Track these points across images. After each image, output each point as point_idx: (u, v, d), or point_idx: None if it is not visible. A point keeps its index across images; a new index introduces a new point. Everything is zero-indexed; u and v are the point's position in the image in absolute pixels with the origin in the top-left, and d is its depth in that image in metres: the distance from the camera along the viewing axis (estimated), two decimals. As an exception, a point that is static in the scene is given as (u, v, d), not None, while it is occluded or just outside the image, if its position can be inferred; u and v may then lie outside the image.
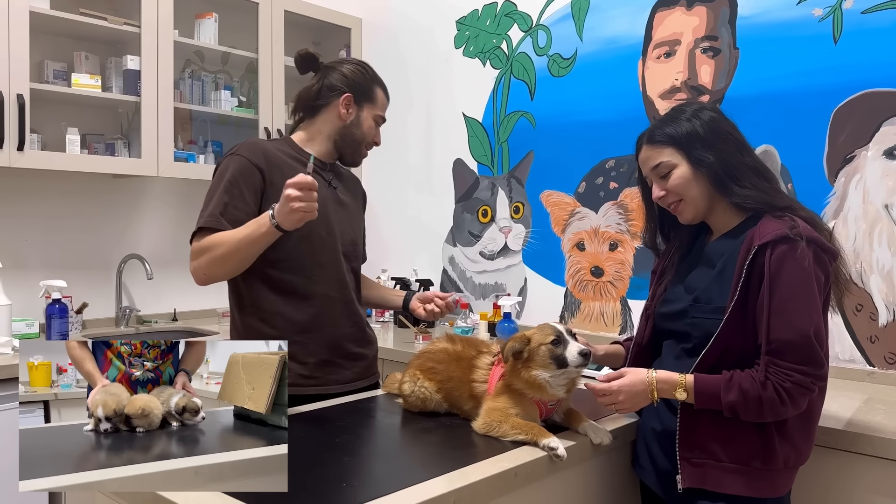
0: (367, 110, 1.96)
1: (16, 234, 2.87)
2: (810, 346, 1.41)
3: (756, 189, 1.52)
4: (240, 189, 1.78)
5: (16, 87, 2.54)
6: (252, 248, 1.73)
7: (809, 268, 1.43)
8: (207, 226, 1.76)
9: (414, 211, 3.55)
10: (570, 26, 2.94)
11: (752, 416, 1.44)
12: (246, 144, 1.85)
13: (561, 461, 1.47)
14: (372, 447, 1.56)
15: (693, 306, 1.58)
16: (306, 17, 3.49)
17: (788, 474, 1.53)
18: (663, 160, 1.57)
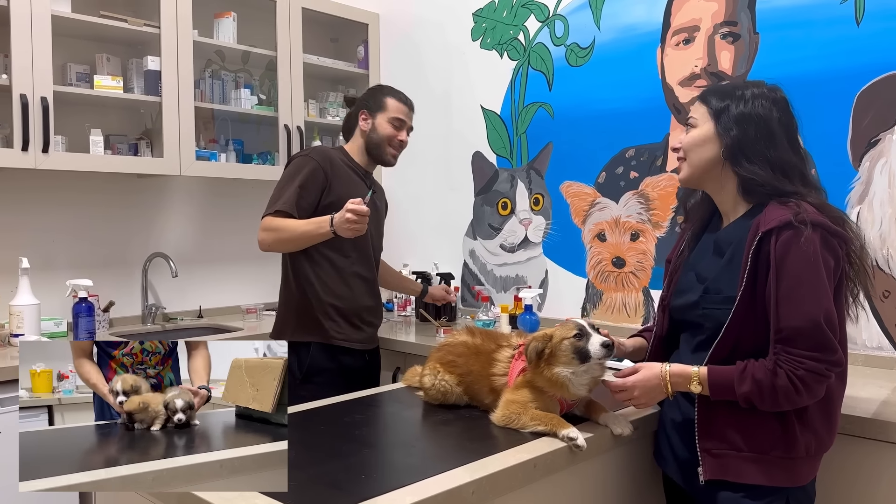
0: (380, 117, 2.45)
1: (43, 235, 2.92)
2: (821, 331, 1.39)
3: (766, 172, 1.49)
4: (309, 185, 2.31)
5: (40, 90, 2.59)
6: (310, 241, 2.29)
7: (816, 252, 1.40)
8: (284, 209, 2.27)
9: (434, 205, 3.55)
10: (588, 15, 2.92)
11: (769, 406, 1.43)
12: (317, 150, 2.43)
13: (581, 452, 1.46)
14: (391, 439, 1.57)
15: (704, 297, 1.56)
16: (324, 13, 3.50)
17: (811, 463, 1.51)
18: (695, 116, 1.59)
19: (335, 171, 2.37)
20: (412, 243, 3.63)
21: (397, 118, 2.46)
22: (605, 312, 2.91)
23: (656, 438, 1.71)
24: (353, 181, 2.42)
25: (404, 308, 3.44)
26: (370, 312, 2.49)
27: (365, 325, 2.47)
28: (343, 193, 2.30)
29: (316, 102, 3.60)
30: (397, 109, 2.47)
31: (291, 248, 2.34)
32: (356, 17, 3.65)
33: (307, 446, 1.47)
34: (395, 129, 2.46)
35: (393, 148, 2.48)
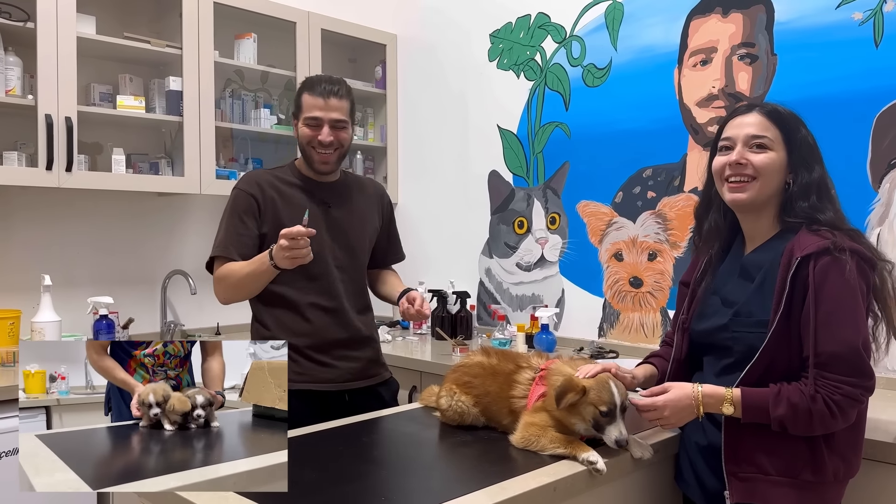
0: (301, 120, 2.08)
1: (65, 253, 2.96)
2: (859, 357, 1.40)
3: (831, 211, 1.51)
4: (240, 218, 2.05)
5: (64, 111, 2.63)
6: (258, 281, 1.99)
7: (854, 279, 1.41)
8: (217, 254, 2.03)
9: (450, 223, 3.56)
10: (605, 36, 2.93)
11: (801, 430, 1.42)
12: (243, 178, 2.14)
13: (601, 476, 1.46)
14: (409, 461, 1.57)
15: (734, 320, 1.55)
16: (342, 34, 3.54)
17: (838, 487, 1.50)
18: (769, 136, 1.54)
19: (267, 194, 2.06)
20: (428, 261, 3.64)
21: (309, 117, 2.04)
22: (622, 332, 2.90)
23: (677, 461, 1.70)
24: (295, 199, 2.08)
25: (420, 326, 3.45)
26: (342, 345, 2.11)
27: (338, 361, 2.09)
28: (286, 216, 2.03)
29: (334, 121, 3.63)
30: (310, 106, 2.05)
31: (247, 294, 2.05)
32: (374, 38, 3.69)
33: (325, 468, 1.47)
34: (310, 130, 2.04)
35: (316, 151, 2.05)
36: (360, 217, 2.19)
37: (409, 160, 3.76)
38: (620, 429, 1.50)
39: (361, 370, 2.15)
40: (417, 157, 3.71)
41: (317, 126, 2.04)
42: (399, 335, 3.35)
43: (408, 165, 3.76)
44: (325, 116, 2.03)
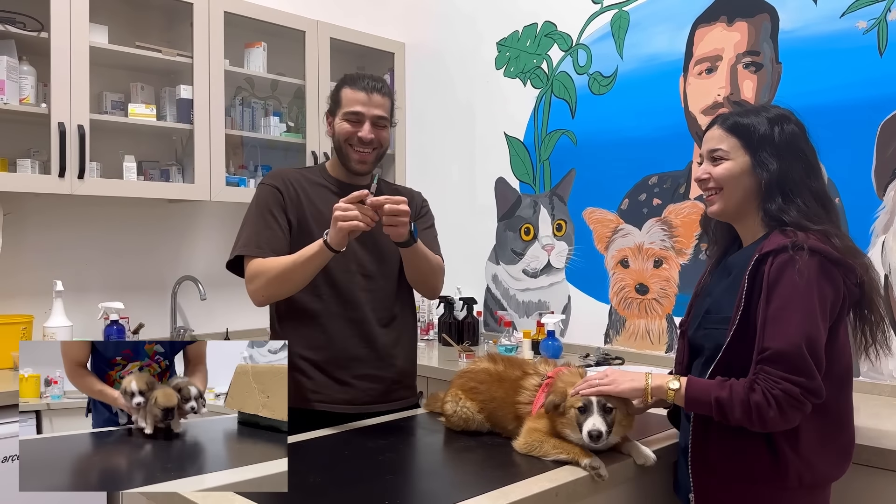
0: (338, 116, 1.96)
1: (77, 258, 3.00)
2: (800, 356, 1.38)
3: (802, 210, 1.49)
4: (268, 211, 1.92)
5: (77, 119, 2.67)
6: (307, 267, 1.80)
7: (810, 278, 1.40)
8: (245, 252, 1.88)
9: (457, 229, 3.58)
10: (611, 45, 2.95)
11: (739, 417, 1.41)
12: (268, 174, 2.02)
13: (603, 481, 1.47)
14: (414, 465, 1.59)
15: (705, 318, 1.59)
16: (351, 43, 3.58)
17: (807, 494, 1.49)
18: (722, 147, 1.56)
19: (291, 188, 1.95)
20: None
21: (350, 112, 1.91)
22: (628, 339, 2.91)
23: (675, 468, 1.71)
24: (323, 198, 1.95)
25: (427, 332, 3.47)
26: (363, 363, 1.93)
27: (356, 381, 1.92)
28: (310, 215, 1.93)
29: (342, 129, 3.67)
30: (351, 100, 1.92)
31: (292, 286, 1.85)
32: (382, 47, 3.73)
33: (329, 472, 1.49)
34: (350, 126, 1.92)
35: (354, 149, 1.93)
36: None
37: (416, 167, 3.78)
38: (595, 420, 1.49)
39: (384, 392, 1.97)
40: (425, 163, 3.74)
41: (357, 122, 1.92)
42: (406, 341, 3.36)
43: (415, 172, 3.78)
44: (367, 112, 1.91)
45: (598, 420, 1.50)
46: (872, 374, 2.30)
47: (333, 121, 1.97)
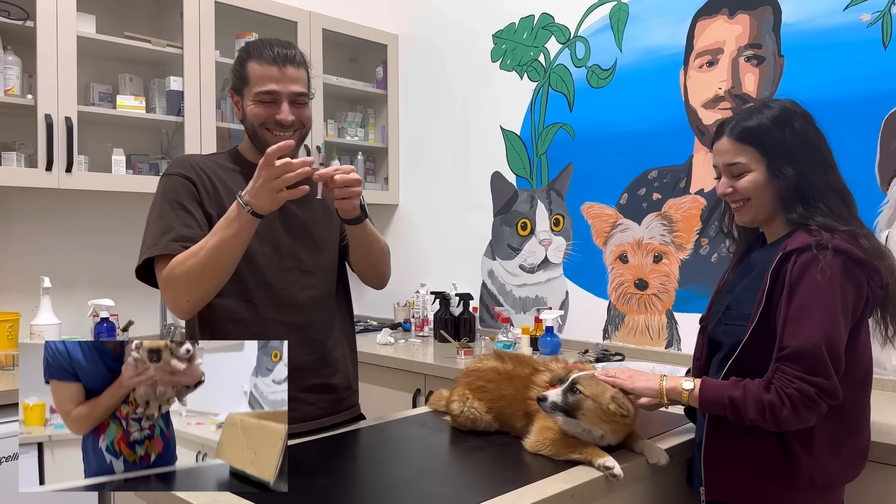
0: (247, 96, 1.63)
1: (64, 254, 2.92)
2: (818, 356, 1.36)
3: (826, 213, 1.46)
4: (179, 204, 1.59)
5: (64, 111, 2.60)
6: (233, 249, 1.50)
7: (833, 278, 1.38)
8: (158, 253, 1.55)
9: (452, 224, 3.54)
10: (609, 37, 2.92)
11: (752, 416, 1.39)
12: (172, 163, 1.69)
13: (618, 481, 1.44)
14: (422, 466, 1.54)
15: (726, 314, 1.58)
16: (343, 34, 3.52)
17: (818, 494, 1.47)
18: (741, 161, 1.52)
19: (204, 177, 1.64)
20: (430, 263, 3.62)
21: (263, 92, 1.60)
22: (627, 335, 2.88)
23: (690, 464, 1.69)
24: (243, 186, 1.53)
25: (421, 328, 3.43)
26: (310, 373, 1.70)
27: (304, 394, 1.69)
28: (228, 203, 1.57)
29: (334, 122, 3.61)
30: (261, 77, 1.60)
31: (220, 279, 1.54)
32: (375, 38, 3.67)
33: (335, 474, 1.45)
34: (265, 109, 1.60)
35: (272, 133, 1.61)
36: (325, 208, 1.73)
37: (410, 161, 3.73)
38: (556, 396, 1.50)
39: (334, 403, 1.77)
40: (419, 157, 3.69)
41: (272, 102, 1.60)
42: (401, 337, 3.33)
43: (409, 166, 3.74)
44: (283, 90, 1.60)
45: (556, 392, 1.51)
46: (876, 370, 2.28)
47: (241, 101, 1.65)
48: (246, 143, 1.72)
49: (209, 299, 1.57)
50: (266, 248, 1.63)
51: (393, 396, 2.88)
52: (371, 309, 3.84)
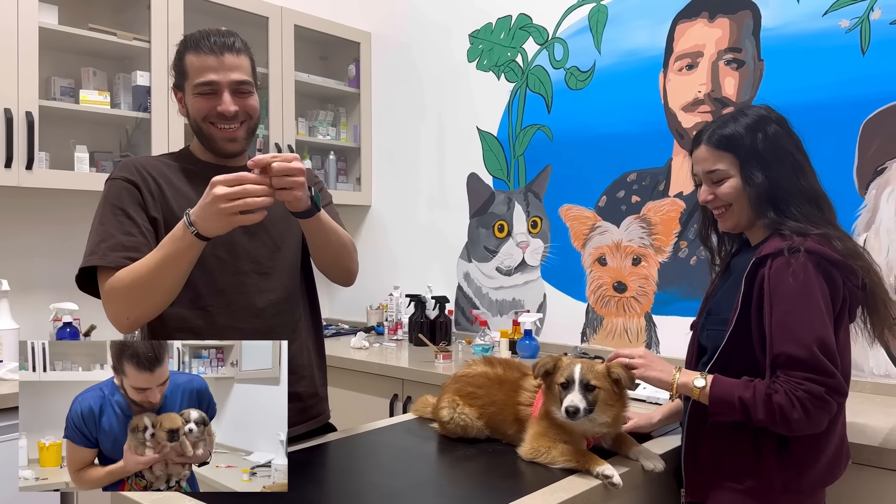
0: (188, 90, 1.56)
1: (22, 256, 2.79)
2: (815, 357, 1.36)
3: (797, 217, 1.47)
4: (122, 211, 1.51)
5: (25, 105, 2.48)
6: (177, 269, 1.42)
7: (808, 279, 1.39)
8: (99, 263, 1.46)
9: (427, 226, 3.49)
10: (588, 39, 2.90)
11: (762, 417, 1.38)
12: (117, 166, 1.61)
13: (617, 489, 1.41)
14: (414, 478, 1.49)
15: (707, 318, 1.60)
16: (315, 31, 3.44)
17: (795, 499, 1.47)
18: (720, 167, 1.53)
19: (150, 180, 1.55)
20: (404, 266, 3.56)
21: (201, 83, 1.52)
22: (605, 337, 2.87)
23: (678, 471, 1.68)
24: (193, 185, 1.56)
25: (395, 332, 3.37)
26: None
27: None
28: (180, 205, 1.53)
29: (305, 121, 3.53)
30: (198, 68, 1.52)
31: (162, 300, 1.45)
32: (348, 36, 3.60)
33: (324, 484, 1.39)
34: (206, 101, 1.53)
35: (216, 126, 1.55)
36: (282, 206, 1.51)
37: (383, 161, 3.67)
38: (573, 397, 1.47)
39: (301, 411, 1.67)
40: (392, 158, 3.63)
41: (213, 93, 1.53)
42: (375, 341, 3.26)
43: (382, 167, 3.67)
44: (222, 79, 1.52)
45: (576, 396, 1.47)
46: (854, 372, 2.30)
47: (183, 97, 1.58)
48: (196, 141, 1.64)
49: (152, 317, 1.48)
50: (219, 250, 1.53)
51: (368, 402, 2.82)
52: (342, 312, 3.76)
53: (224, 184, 1.32)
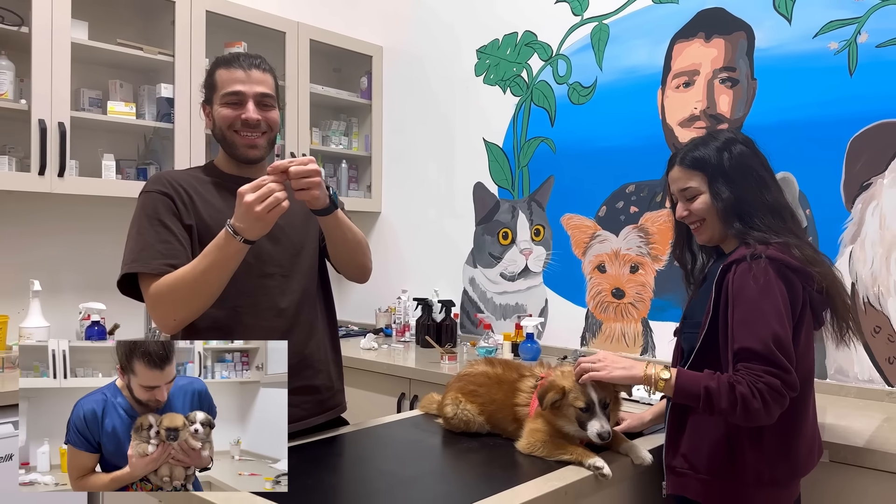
0: (216, 102, 1.71)
1: (51, 258, 2.94)
2: (772, 352, 1.47)
3: (761, 228, 1.60)
4: (159, 221, 1.63)
5: (57, 116, 2.63)
6: (223, 272, 1.55)
7: (767, 282, 1.51)
8: (142, 270, 1.59)
9: (434, 233, 3.63)
10: (590, 56, 3.04)
11: (725, 406, 1.47)
12: (149, 180, 1.73)
13: (606, 480, 1.54)
14: (423, 467, 1.62)
15: (683, 323, 1.73)
16: (330, 45, 3.59)
17: (766, 491, 1.57)
18: (692, 185, 1.68)
19: (181, 191, 1.68)
20: (412, 270, 3.70)
21: (229, 93, 1.68)
22: (604, 342, 3.00)
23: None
24: (220, 197, 1.70)
25: (402, 333, 3.50)
26: (294, 376, 1.57)
27: (290, 397, 1.51)
28: (210, 215, 1.68)
29: (319, 130, 3.68)
30: (227, 81, 1.69)
31: (207, 301, 1.59)
32: (360, 49, 3.74)
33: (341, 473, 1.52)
34: (231, 109, 1.68)
35: (239, 134, 1.69)
36: (304, 210, 1.68)
37: (393, 170, 3.81)
38: (602, 422, 1.57)
39: (319, 403, 1.81)
40: (402, 167, 3.77)
41: (239, 104, 1.68)
42: (384, 343, 3.40)
43: (392, 175, 3.81)
44: (248, 91, 1.68)
45: (603, 420, 1.57)
46: (839, 377, 2.43)
47: (211, 110, 1.73)
48: (221, 155, 1.78)
49: (196, 317, 1.62)
50: (247, 255, 1.62)
51: (377, 400, 2.95)
52: (352, 314, 3.90)
53: (250, 191, 1.47)
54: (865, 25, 2.37)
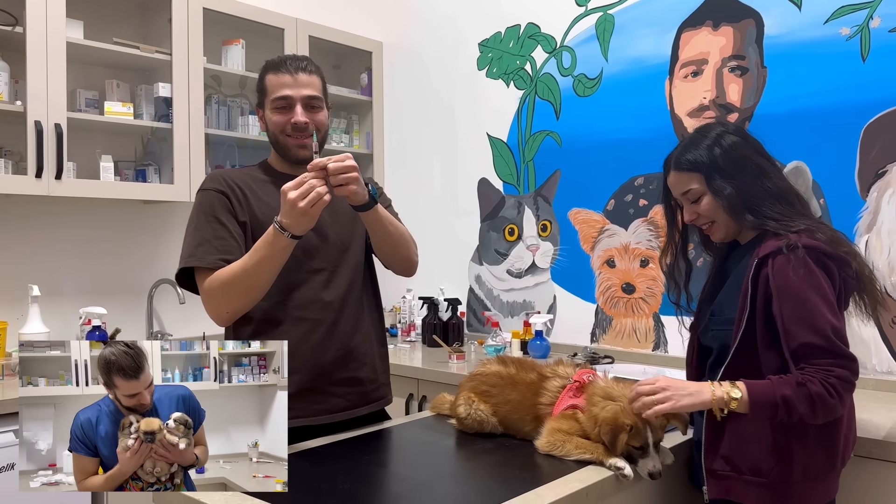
0: (267, 106, 1.81)
1: (50, 262, 2.88)
2: (833, 343, 1.44)
3: (774, 216, 1.56)
4: (215, 218, 1.73)
5: (54, 117, 2.57)
6: (273, 266, 1.64)
7: (811, 271, 1.48)
8: (197, 265, 1.69)
9: (439, 230, 3.57)
10: (595, 47, 2.99)
11: (805, 412, 1.43)
12: (206, 179, 1.84)
13: (628, 481, 1.49)
14: (439, 470, 1.57)
15: (711, 319, 1.66)
16: (329, 41, 3.53)
17: (814, 486, 1.54)
18: (693, 187, 1.64)
19: (236, 189, 1.77)
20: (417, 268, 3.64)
21: (278, 98, 1.76)
22: (614, 338, 2.95)
23: (691, 463, 1.75)
24: (273, 195, 1.73)
25: (408, 333, 3.45)
26: (338, 368, 1.79)
27: (334, 387, 1.79)
28: (263, 211, 1.76)
29: (320, 128, 3.62)
30: (276, 86, 1.77)
31: (258, 294, 1.68)
32: (360, 45, 3.69)
33: (356, 477, 1.47)
34: (281, 114, 1.77)
35: (291, 138, 1.78)
36: (349, 209, 1.74)
37: (395, 167, 3.76)
38: (655, 462, 1.52)
39: (362, 395, 1.85)
40: (404, 164, 3.72)
41: (288, 108, 1.76)
42: (389, 343, 3.33)
43: (394, 172, 3.76)
44: (296, 95, 1.76)
45: (656, 460, 1.53)
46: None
47: (264, 114, 1.83)
48: (273, 154, 1.88)
49: (247, 310, 1.71)
50: (296, 251, 1.68)
51: (385, 401, 2.90)
52: (356, 314, 3.84)
53: (293, 188, 1.54)
54: (878, 10, 2.32)
